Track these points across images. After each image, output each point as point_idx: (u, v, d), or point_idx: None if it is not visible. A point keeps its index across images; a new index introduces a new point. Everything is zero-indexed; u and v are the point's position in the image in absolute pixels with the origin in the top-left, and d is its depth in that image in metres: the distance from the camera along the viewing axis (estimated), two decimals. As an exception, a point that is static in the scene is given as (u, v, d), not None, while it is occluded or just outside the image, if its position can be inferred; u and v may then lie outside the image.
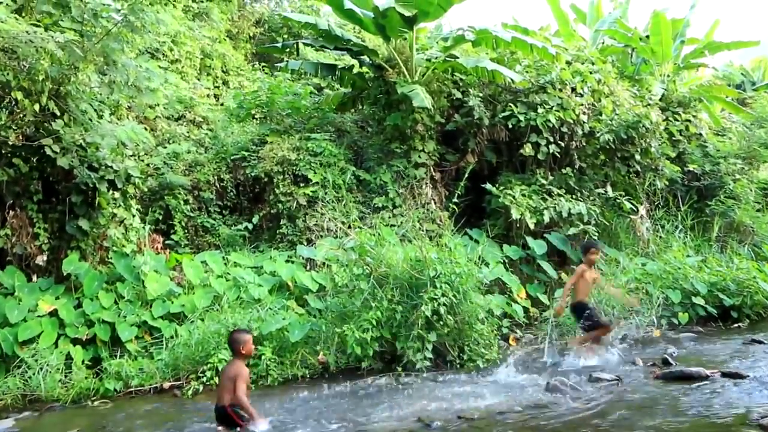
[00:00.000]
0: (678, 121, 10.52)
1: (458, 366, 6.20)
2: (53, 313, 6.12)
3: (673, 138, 10.39)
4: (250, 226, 8.28)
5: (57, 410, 5.49)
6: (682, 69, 11.97)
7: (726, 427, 4.28)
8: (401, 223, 7.96)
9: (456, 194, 7.97)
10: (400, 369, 6.04)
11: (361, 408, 5.11)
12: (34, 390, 5.65)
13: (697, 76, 12.73)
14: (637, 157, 9.26)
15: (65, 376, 5.80)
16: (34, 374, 5.68)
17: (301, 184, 8.27)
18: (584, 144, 9.11)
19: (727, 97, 11.79)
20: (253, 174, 8.51)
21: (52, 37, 6.12)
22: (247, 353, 4.84)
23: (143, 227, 7.33)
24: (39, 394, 5.63)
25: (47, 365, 5.73)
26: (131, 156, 7.44)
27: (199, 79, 11.46)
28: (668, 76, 11.34)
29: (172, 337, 6.24)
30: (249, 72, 12.28)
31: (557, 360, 6.40)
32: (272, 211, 8.31)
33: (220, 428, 4.65)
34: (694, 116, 10.68)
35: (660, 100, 10.50)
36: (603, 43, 12.35)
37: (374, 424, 4.72)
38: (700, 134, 10.96)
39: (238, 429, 4.60)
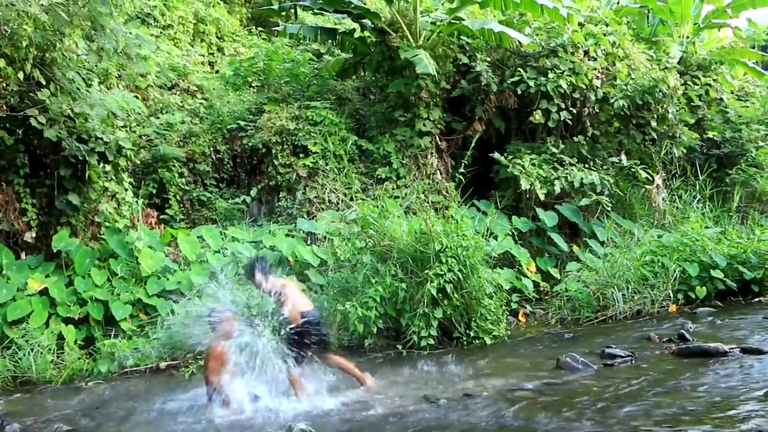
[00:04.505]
0: (697, 85, 10.17)
1: (465, 343, 6.09)
2: (43, 292, 6.00)
3: (692, 103, 10.04)
4: (248, 199, 8.14)
5: (49, 392, 5.39)
6: (703, 29, 11.44)
7: (744, 403, 4.09)
8: (405, 194, 7.79)
9: (463, 164, 7.69)
10: (403, 347, 5.91)
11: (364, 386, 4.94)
12: (25, 371, 5.57)
13: (718, 37, 12.18)
14: (654, 123, 8.96)
15: (57, 357, 5.71)
16: (24, 355, 5.59)
17: (301, 155, 8.09)
18: (597, 110, 8.84)
19: (751, 61, 11.27)
20: (250, 145, 8.33)
21: (36, -1, 5.82)
22: (223, 332, 4.56)
23: (136, 201, 7.18)
24: (30, 375, 5.55)
25: (38, 345, 5.64)
26: (122, 127, 7.28)
27: (192, 46, 11.18)
28: (687, 37, 10.89)
29: (168, 315, 6.09)
30: (245, 38, 11.96)
31: None
32: (271, 183, 8.17)
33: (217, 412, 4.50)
34: (714, 80, 10.32)
35: (678, 63, 10.13)
36: (618, 3, 11.85)
37: (379, 402, 4.60)
38: (721, 99, 10.62)
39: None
